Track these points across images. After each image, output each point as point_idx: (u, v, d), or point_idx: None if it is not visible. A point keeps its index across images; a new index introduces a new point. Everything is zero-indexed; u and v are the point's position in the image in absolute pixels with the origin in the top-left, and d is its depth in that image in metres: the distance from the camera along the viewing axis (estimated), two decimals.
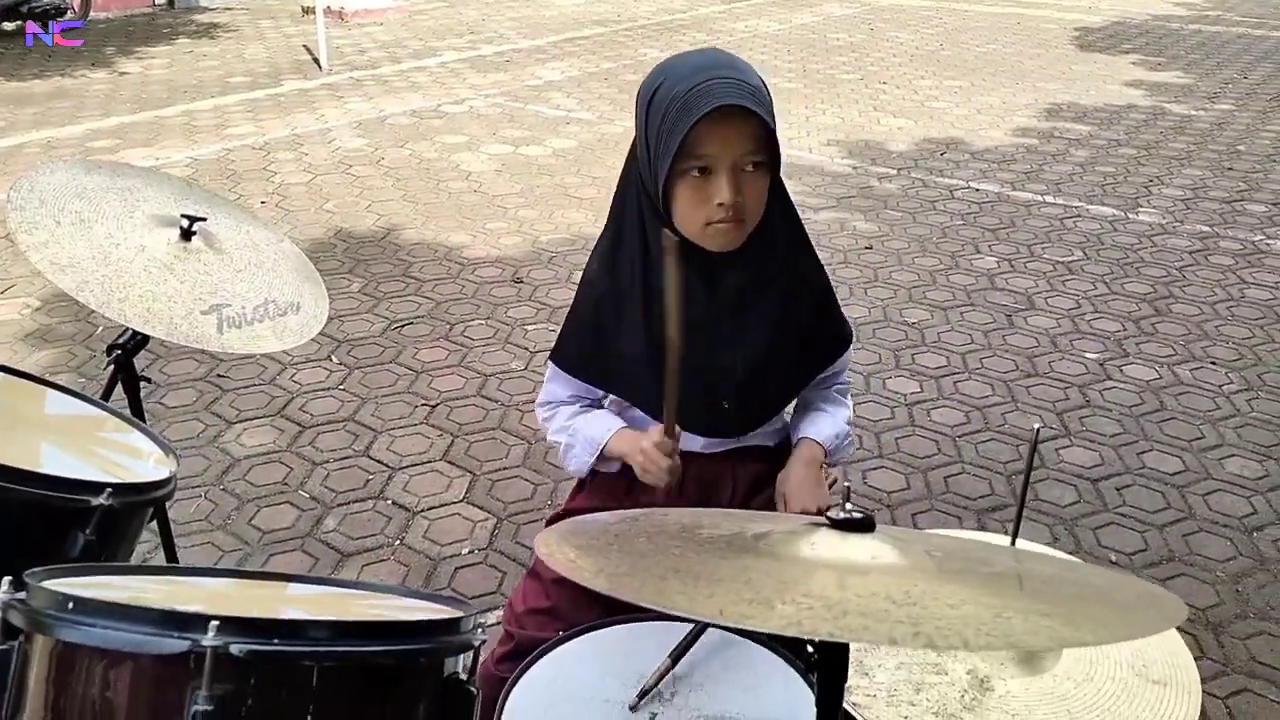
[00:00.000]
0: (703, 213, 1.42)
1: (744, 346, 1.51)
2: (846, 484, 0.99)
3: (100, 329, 3.91)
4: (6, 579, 0.84)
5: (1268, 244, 4.98)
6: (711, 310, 1.50)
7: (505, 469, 3.10)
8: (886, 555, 0.75)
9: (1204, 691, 2.34)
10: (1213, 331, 4.07)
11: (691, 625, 1.46)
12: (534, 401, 3.52)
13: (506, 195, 5.50)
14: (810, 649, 0.85)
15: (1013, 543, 1.12)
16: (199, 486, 2.99)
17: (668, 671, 1.36)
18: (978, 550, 0.92)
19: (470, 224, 5.08)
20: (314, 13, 10.64)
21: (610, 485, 1.64)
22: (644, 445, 1.45)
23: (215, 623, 0.74)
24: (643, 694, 1.34)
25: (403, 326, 4.00)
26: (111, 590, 0.90)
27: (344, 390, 3.53)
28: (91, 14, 10.25)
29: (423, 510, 2.90)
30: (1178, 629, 1.95)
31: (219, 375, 3.61)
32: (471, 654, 0.90)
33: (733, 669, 1.44)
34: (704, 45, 1.58)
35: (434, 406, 3.44)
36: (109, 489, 1.17)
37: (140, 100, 7.48)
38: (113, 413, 1.51)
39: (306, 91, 7.82)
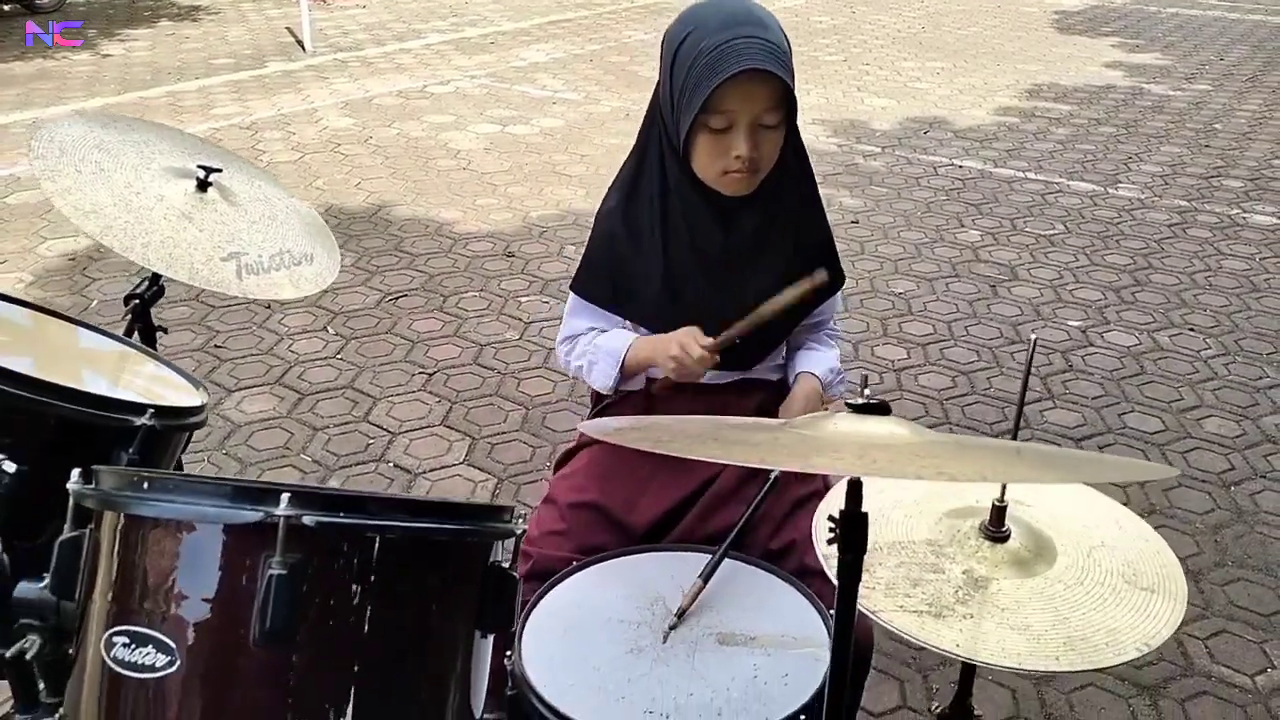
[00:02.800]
0: (721, 163, 1.48)
1: (755, 284, 1.57)
2: (864, 373, 1.05)
3: (94, 303, 3.93)
4: (76, 470, 0.90)
5: (1244, 218, 5.08)
6: (726, 250, 1.56)
7: (504, 433, 3.15)
8: (903, 433, 0.81)
9: (1185, 634, 2.44)
10: (1191, 300, 4.17)
11: (710, 554, 1.53)
12: (529, 369, 3.59)
13: (495, 173, 5.54)
14: (831, 524, 0.91)
15: (1014, 437, 1.19)
16: (201, 451, 3.02)
17: (700, 591, 1.43)
18: (982, 440, 0.98)
19: (460, 200, 5.12)
20: None
21: (626, 412, 1.70)
22: (682, 340, 1.50)
23: (287, 495, 0.79)
24: (680, 613, 1.41)
25: (397, 298, 4.05)
26: None
27: (341, 359, 3.57)
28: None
29: (424, 472, 2.96)
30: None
31: (216, 346, 3.64)
32: (513, 545, 0.96)
33: (740, 592, 1.50)
34: None
35: (431, 374, 3.49)
36: (151, 410, 1.22)
37: (124, 82, 7.45)
38: (141, 349, 1.56)
39: (291, 73, 7.81)
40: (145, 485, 0.84)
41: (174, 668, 0.80)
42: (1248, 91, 7.56)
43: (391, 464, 2.99)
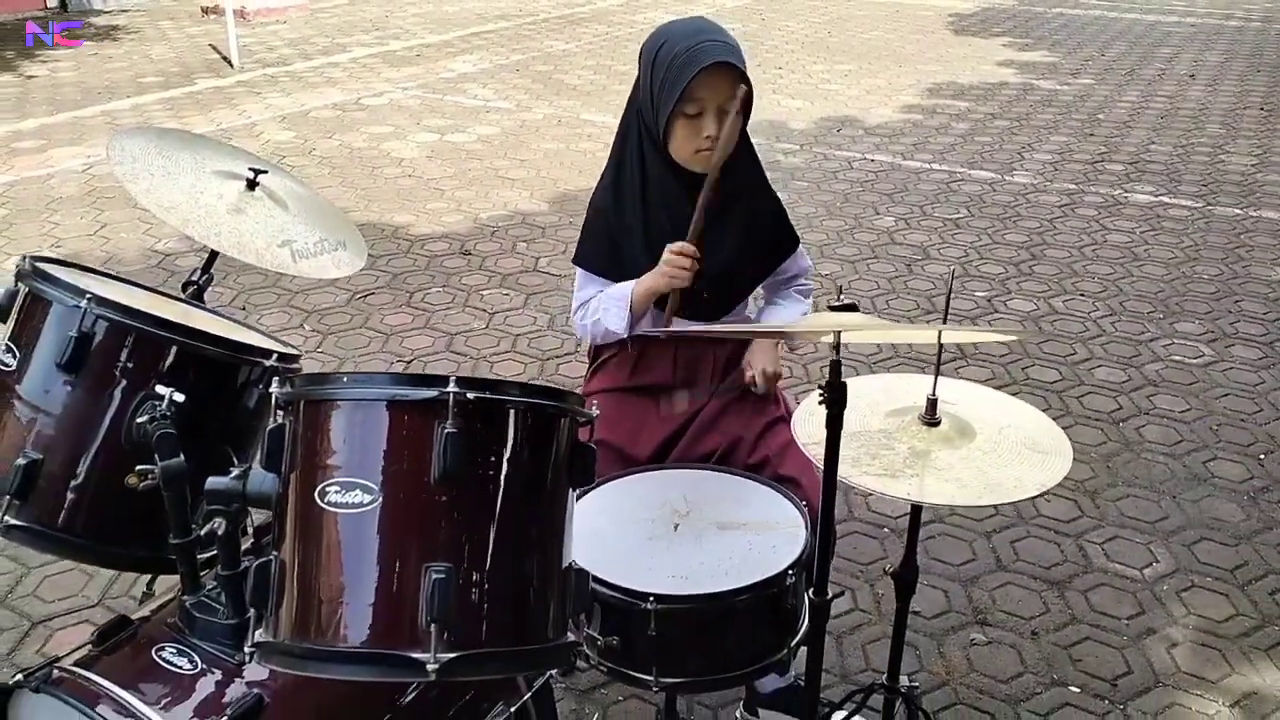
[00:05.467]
0: (693, 143, 1.85)
1: (720, 247, 1.93)
2: (839, 284, 1.42)
3: None
4: (275, 379, 1.21)
5: (1125, 197, 5.66)
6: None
7: None
8: (864, 319, 1.17)
9: (1085, 540, 2.89)
10: (1080, 270, 4.69)
11: (700, 470, 1.89)
12: (500, 353, 3.90)
13: (441, 179, 5.83)
14: (820, 393, 1.27)
15: (944, 322, 1.56)
16: None
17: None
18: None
19: (411, 205, 5.40)
20: (213, 13, 10.70)
21: (617, 368, 2.05)
22: (665, 256, 1.83)
23: (453, 379, 1.12)
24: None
25: (365, 296, 4.32)
26: None
27: (322, 352, 3.84)
28: None
29: None
30: (1063, 496, 2.50)
31: None
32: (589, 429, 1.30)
33: (729, 494, 1.87)
34: (688, 15, 1.99)
35: (409, 363, 3.78)
36: (275, 354, 1.53)
37: (55, 102, 7.51)
38: (233, 318, 1.85)
39: (223, 89, 7.95)
40: (345, 380, 1.16)
41: (375, 503, 1.13)
42: (1126, 84, 8.24)
43: None
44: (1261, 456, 3.28)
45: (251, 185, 2.07)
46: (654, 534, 1.77)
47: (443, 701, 1.53)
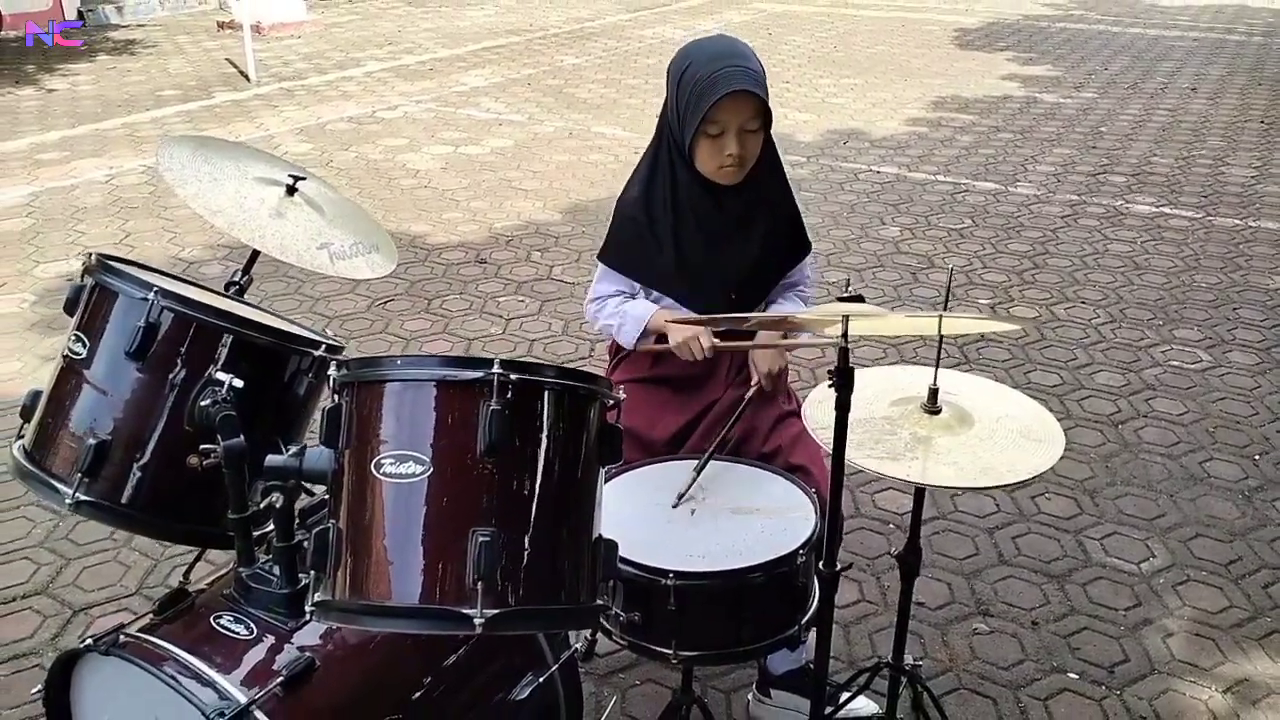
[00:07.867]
0: (717, 160, 1.97)
1: (745, 251, 2.05)
2: (847, 278, 1.53)
3: None
4: (333, 362, 1.33)
5: (1127, 208, 5.77)
6: (721, 226, 2.04)
7: None
8: (872, 308, 1.28)
9: (1085, 536, 2.98)
10: (1082, 278, 4.79)
11: (715, 459, 2.00)
12: (517, 358, 3.98)
13: (456, 190, 5.96)
14: (830, 378, 1.39)
15: (945, 308, 1.67)
16: None
17: (694, 480, 1.90)
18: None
19: (428, 215, 5.53)
20: (229, 27, 10.89)
21: (638, 360, 2.16)
22: (699, 335, 1.93)
23: (498, 361, 1.24)
24: (680, 496, 1.88)
25: (385, 303, 4.45)
26: None
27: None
28: (1, 33, 10.28)
29: None
30: (1064, 494, 2.64)
31: None
32: (616, 411, 1.41)
33: (743, 481, 1.98)
34: (713, 33, 2.11)
35: None
36: (323, 344, 1.65)
37: (76, 115, 7.68)
38: (276, 314, 1.97)
39: (240, 102, 8.10)
40: (398, 362, 1.28)
41: (427, 473, 1.24)
42: (1129, 98, 8.36)
43: None
44: (1256, 457, 3.38)
45: (291, 191, 2.19)
46: (672, 518, 1.88)
47: (477, 666, 1.64)
